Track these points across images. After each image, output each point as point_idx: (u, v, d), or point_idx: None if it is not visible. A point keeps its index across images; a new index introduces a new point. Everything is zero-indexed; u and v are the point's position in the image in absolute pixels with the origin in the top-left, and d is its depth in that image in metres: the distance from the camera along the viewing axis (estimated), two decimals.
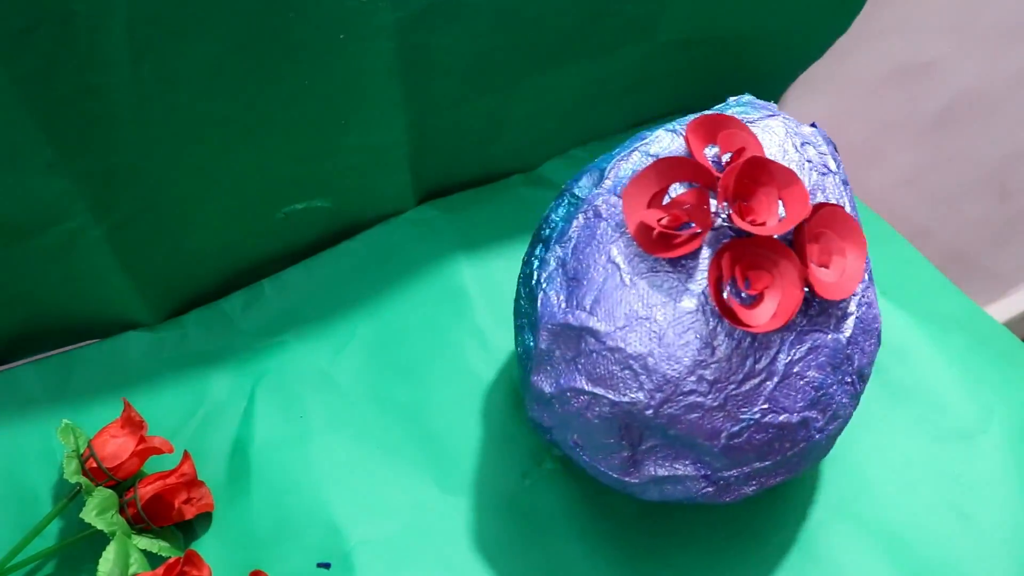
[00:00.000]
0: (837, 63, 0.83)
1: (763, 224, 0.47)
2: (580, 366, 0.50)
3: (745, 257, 0.47)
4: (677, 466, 0.50)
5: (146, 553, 0.56)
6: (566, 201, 0.54)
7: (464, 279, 0.70)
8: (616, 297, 0.49)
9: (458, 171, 0.76)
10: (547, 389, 0.52)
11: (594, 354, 0.49)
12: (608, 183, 0.52)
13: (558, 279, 0.51)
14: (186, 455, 0.60)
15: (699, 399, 0.48)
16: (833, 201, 0.51)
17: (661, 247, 0.48)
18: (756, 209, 0.48)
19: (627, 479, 0.52)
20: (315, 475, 0.62)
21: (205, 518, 0.61)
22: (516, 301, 0.56)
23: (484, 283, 0.70)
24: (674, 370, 0.48)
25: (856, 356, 0.50)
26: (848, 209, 0.51)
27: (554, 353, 0.51)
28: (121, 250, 0.64)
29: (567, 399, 0.51)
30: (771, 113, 0.53)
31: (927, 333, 0.66)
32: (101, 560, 0.53)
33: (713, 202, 0.49)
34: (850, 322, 0.50)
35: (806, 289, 0.48)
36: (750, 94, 0.55)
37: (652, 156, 0.52)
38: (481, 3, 0.62)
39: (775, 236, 0.47)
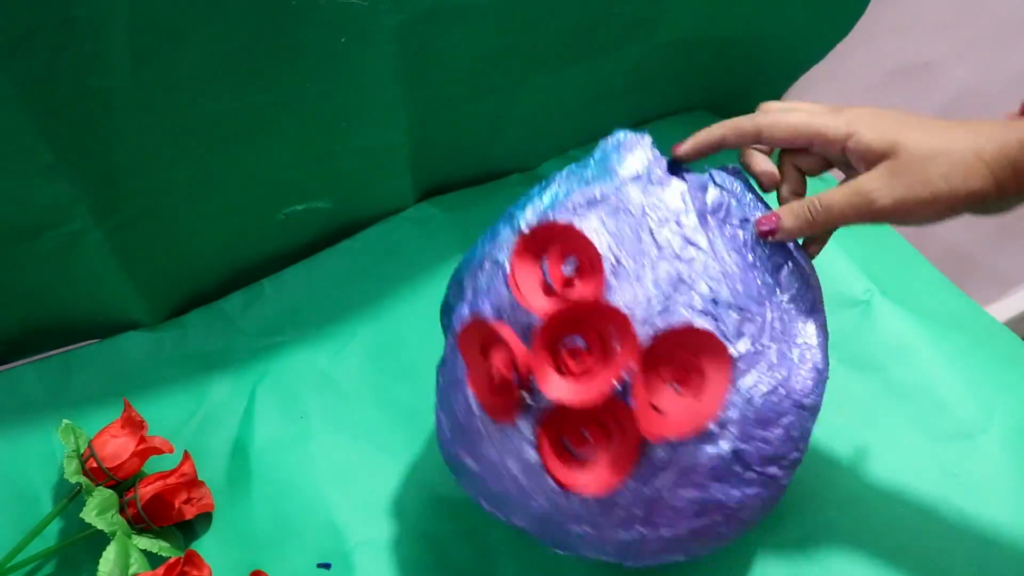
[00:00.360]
0: (837, 63, 0.83)
1: (574, 391, 0.44)
2: (481, 492, 0.50)
3: (574, 419, 0.45)
4: (598, 555, 0.50)
5: (146, 553, 0.56)
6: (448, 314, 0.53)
7: None
8: (478, 442, 0.48)
9: (458, 171, 0.76)
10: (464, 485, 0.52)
11: (479, 488, 0.50)
12: (466, 302, 0.50)
13: (441, 411, 0.52)
14: (186, 455, 0.60)
15: (573, 527, 0.47)
16: (708, 291, 0.46)
17: (491, 411, 0.47)
18: (575, 352, 0.44)
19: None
20: (315, 475, 0.62)
21: (205, 518, 0.61)
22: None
23: None
24: (539, 508, 0.48)
25: (754, 453, 0.46)
26: (726, 288, 0.46)
27: (457, 473, 0.52)
28: (121, 251, 0.64)
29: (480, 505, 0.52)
30: (636, 175, 0.49)
31: (927, 333, 0.66)
32: (101, 560, 0.53)
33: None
34: (730, 431, 0.46)
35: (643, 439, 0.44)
36: (626, 130, 0.51)
37: (500, 264, 0.48)
38: (482, 5, 0.62)
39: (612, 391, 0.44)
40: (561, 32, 0.67)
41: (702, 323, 0.45)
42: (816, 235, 0.51)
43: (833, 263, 0.69)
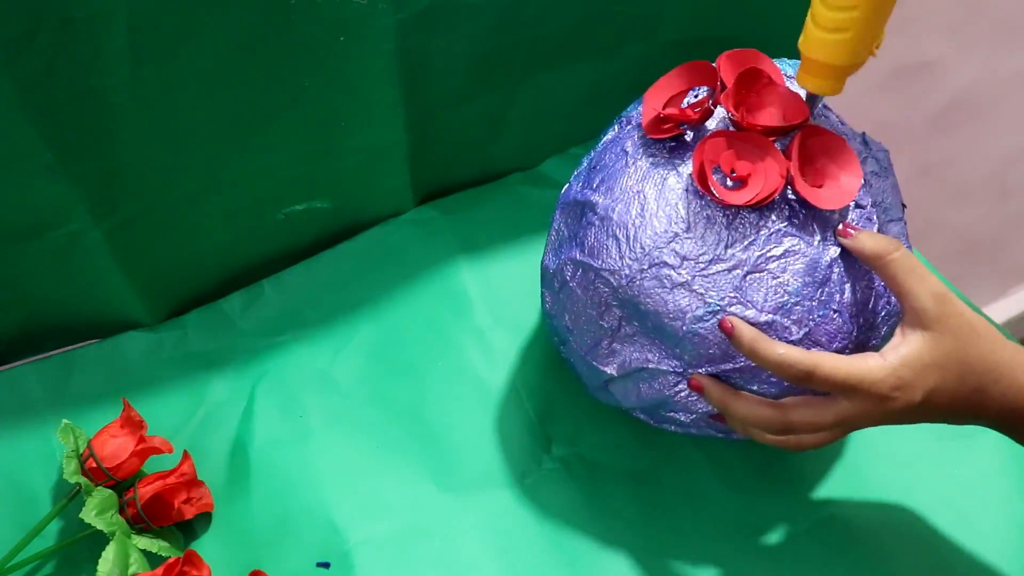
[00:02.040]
0: None
1: (755, 121, 0.50)
2: (578, 239, 0.54)
3: (734, 147, 0.50)
4: (649, 356, 0.52)
5: (146, 553, 0.56)
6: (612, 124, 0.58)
7: (464, 279, 0.70)
8: (617, 177, 0.53)
9: (458, 171, 0.76)
10: (551, 265, 0.56)
11: (590, 226, 0.53)
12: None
13: (581, 173, 0.56)
14: (186, 455, 0.59)
15: (669, 272, 0.50)
16: (871, 168, 0.53)
17: (656, 129, 0.52)
18: (756, 113, 0.51)
19: (606, 368, 0.54)
20: (315, 475, 0.62)
21: (205, 518, 0.61)
22: None
23: (484, 283, 0.70)
24: (650, 239, 0.51)
25: (846, 288, 0.50)
26: (877, 185, 0.53)
27: (562, 231, 0.56)
28: (121, 251, 0.64)
29: (563, 272, 0.55)
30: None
31: None
32: (101, 560, 0.53)
33: (719, 109, 0.52)
34: (836, 248, 0.50)
35: (792, 196, 0.50)
36: None
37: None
38: (481, 4, 0.62)
39: (770, 137, 0.50)
40: (561, 31, 0.67)
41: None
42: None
43: None
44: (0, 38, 0.49)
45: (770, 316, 0.49)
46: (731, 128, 0.52)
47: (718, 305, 0.49)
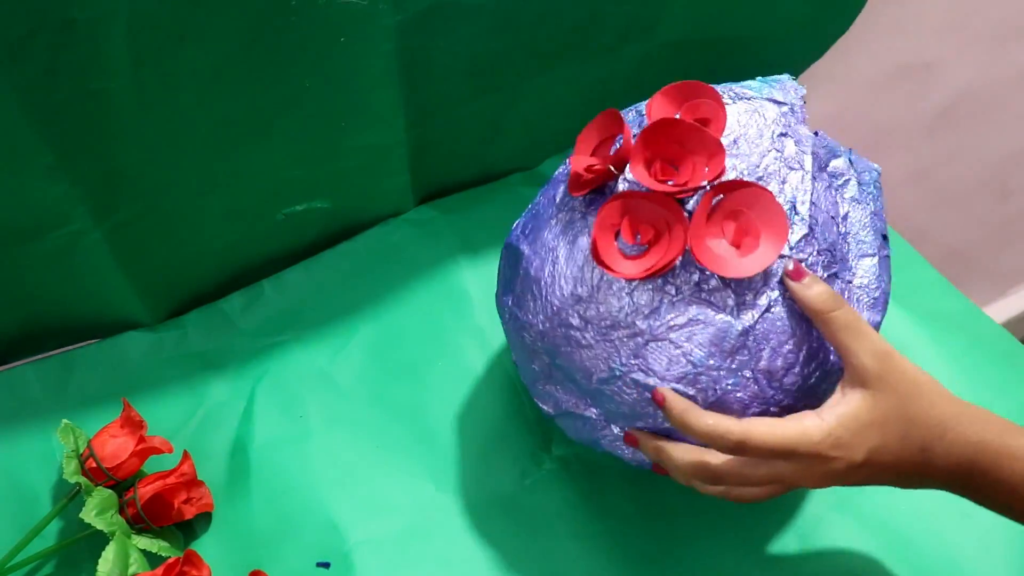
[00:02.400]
0: (837, 63, 0.83)
1: (664, 181, 0.48)
2: (511, 285, 0.54)
3: (638, 210, 0.48)
4: (575, 401, 0.52)
5: (146, 553, 0.56)
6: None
7: (464, 279, 0.70)
8: (541, 228, 0.53)
9: (458, 171, 0.76)
10: (498, 304, 0.57)
11: (517, 276, 0.54)
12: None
13: (527, 213, 0.57)
14: (186, 455, 0.60)
15: (575, 333, 0.50)
16: (791, 195, 0.49)
17: (577, 185, 0.51)
18: (667, 170, 0.48)
19: (544, 407, 0.55)
20: (315, 475, 0.62)
21: (205, 518, 0.61)
22: None
23: (484, 283, 0.70)
24: (558, 300, 0.50)
25: (764, 354, 0.48)
26: (806, 204, 0.49)
27: (504, 272, 0.56)
28: (121, 252, 0.64)
29: (503, 313, 0.56)
30: (780, 100, 0.53)
31: (927, 333, 0.66)
32: (101, 560, 0.53)
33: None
34: (752, 314, 0.47)
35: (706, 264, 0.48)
36: (790, 75, 0.56)
37: (642, 115, 0.54)
38: (481, 5, 0.62)
39: (675, 197, 0.48)
40: (561, 32, 0.67)
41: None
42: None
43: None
44: (1, 39, 0.49)
45: (672, 385, 0.48)
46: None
47: (621, 370, 0.49)
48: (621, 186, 0.50)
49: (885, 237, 0.53)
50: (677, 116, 0.50)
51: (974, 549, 0.57)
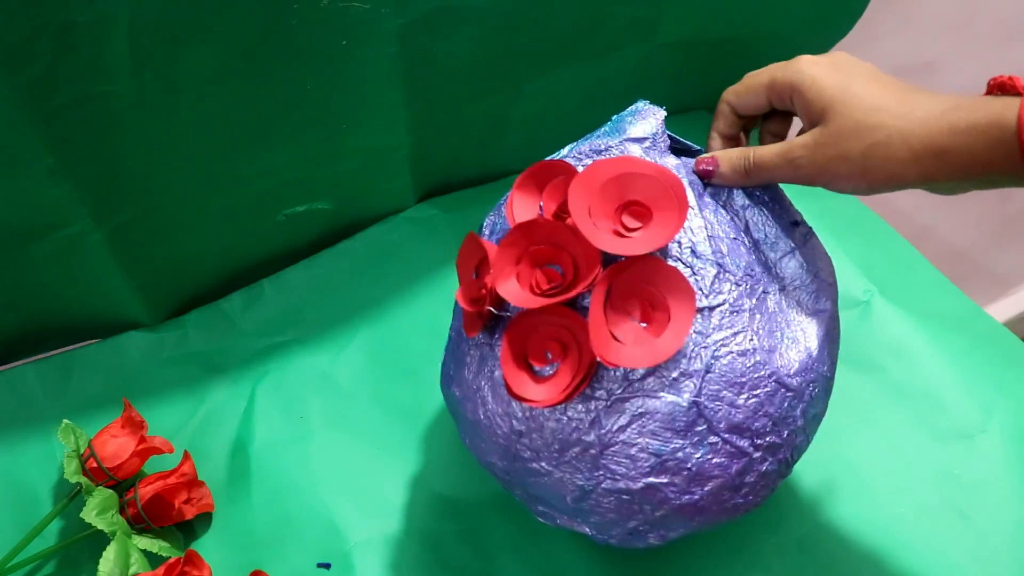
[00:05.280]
0: None
1: (546, 289, 0.45)
2: (463, 428, 0.52)
3: (537, 330, 0.45)
4: (571, 522, 0.50)
5: (146, 553, 0.56)
6: None
7: None
8: (460, 365, 0.50)
9: (459, 171, 0.76)
10: (466, 445, 0.53)
11: (462, 419, 0.51)
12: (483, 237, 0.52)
13: (447, 348, 0.54)
14: (186, 455, 0.60)
15: (531, 464, 0.48)
16: (687, 240, 0.46)
17: (469, 327, 0.48)
18: (549, 272, 0.45)
19: (554, 525, 0.52)
20: (315, 475, 0.62)
21: (205, 518, 0.61)
22: None
23: None
24: (503, 439, 0.48)
25: (721, 414, 0.46)
26: (704, 242, 0.47)
27: (451, 411, 0.53)
28: (122, 252, 0.64)
29: (473, 453, 0.52)
30: (641, 137, 0.49)
31: (927, 333, 0.66)
32: (101, 560, 0.53)
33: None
34: (694, 382, 0.45)
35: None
36: (645, 100, 0.52)
37: (504, 218, 0.51)
38: (483, 7, 0.62)
39: (565, 303, 0.45)
40: (561, 33, 0.67)
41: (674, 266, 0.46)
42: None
43: (833, 263, 0.69)
44: (2, 43, 0.49)
45: (644, 481, 0.46)
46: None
47: (589, 486, 0.47)
48: (512, 308, 0.47)
49: (796, 223, 0.51)
50: (540, 206, 0.48)
51: (973, 551, 0.57)
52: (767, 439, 0.47)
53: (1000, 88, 0.44)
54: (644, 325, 0.44)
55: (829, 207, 0.72)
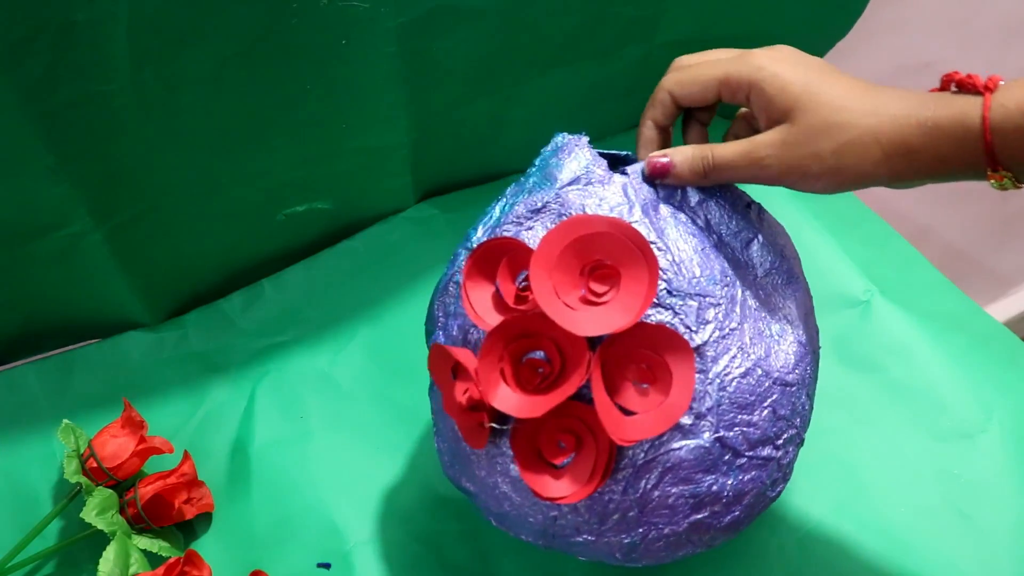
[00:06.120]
0: (837, 63, 0.83)
1: (539, 384, 0.44)
2: (486, 511, 0.51)
3: (545, 427, 0.45)
4: (609, 560, 0.50)
5: (146, 553, 0.56)
6: None
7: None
8: (469, 464, 0.49)
9: (459, 171, 0.76)
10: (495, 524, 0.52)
11: (485, 511, 0.50)
12: (439, 327, 0.51)
13: (439, 438, 0.52)
14: (186, 455, 0.60)
15: (575, 538, 0.48)
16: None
17: (473, 440, 0.47)
18: (541, 364, 0.44)
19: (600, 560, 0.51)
20: (315, 475, 0.62)
21: (205, 518, 0.61)
22: None
23: None
24: (539, 525, 0.48)
25: (739, 438, 0.46)
26: (678, 273, 0.46)
27: (466, 494, 0.52)
28: (122, 252, 0.64)
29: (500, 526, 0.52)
30: (575, 178, 0.48)
31: (927, 333, 0.66)
32: (101, 560, 0.53)
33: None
34: (708, 421, 0.45)
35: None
36: (564, 134, 0.51)
37: (455, 282, 0.50)
38: (482, 7, 0.62)
39: (569, 396, 0.43)
40: (561, 32, 0.67)
41: (659, 317, 0.45)
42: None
43: (833, 263, 0.69)
44: (2, 42, 0.49)
45: (687, 521, 0.46)
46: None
47: (637, 541, 0.47)
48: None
49: (748, 204, 0.50)
50: (496, 287, 0.46)
51: (973, 551, 0.57)
52: (785, 435, 0.48)
53: (959, 85, 0.43)
54: (646, 386, 0.44)
55: (829, 207, 0.72)
